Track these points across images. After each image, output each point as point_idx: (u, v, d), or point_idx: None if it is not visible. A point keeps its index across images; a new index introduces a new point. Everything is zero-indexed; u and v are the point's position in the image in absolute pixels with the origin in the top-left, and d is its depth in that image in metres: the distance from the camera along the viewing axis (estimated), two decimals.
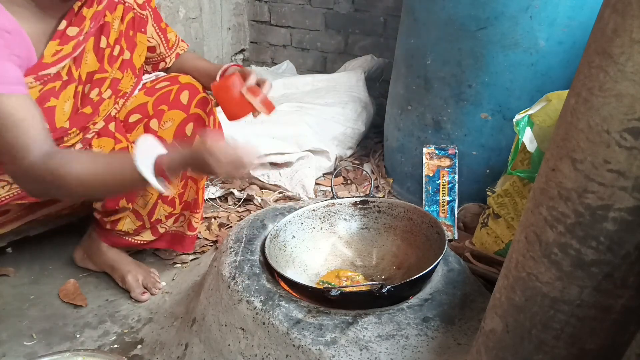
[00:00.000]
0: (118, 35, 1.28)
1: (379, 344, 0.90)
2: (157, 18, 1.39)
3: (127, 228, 1.39)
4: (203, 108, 1.36)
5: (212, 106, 1.39)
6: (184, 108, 1.34)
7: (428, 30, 1.67)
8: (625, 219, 0.52)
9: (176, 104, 1.34)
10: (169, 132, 1.33)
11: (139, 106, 1.36)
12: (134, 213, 1.38)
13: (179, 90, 1.35)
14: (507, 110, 1.57)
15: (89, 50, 1.23)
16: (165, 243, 1.49)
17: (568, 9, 1.42)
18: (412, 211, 1.20)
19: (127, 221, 1.38)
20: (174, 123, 1.34)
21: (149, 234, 1.43)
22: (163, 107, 1.34)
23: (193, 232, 1.47)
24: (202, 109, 1.35)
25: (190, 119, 1.34)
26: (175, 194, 1.38)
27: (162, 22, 1.40)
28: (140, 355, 1.22)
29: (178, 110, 1.34)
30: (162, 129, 1.34)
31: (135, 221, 1.39)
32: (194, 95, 1.35)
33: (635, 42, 0.48)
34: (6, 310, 1.35)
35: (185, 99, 1.34)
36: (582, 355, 0.62)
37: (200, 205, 1.44)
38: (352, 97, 2.27)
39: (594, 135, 0.53)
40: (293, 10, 2.80)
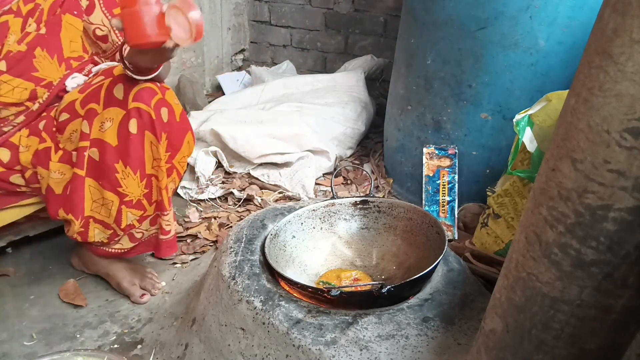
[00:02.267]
0: (40, 13, 1.23)
1: (379, 344, 0.90)
2: (108, 3, 1.30)
3: (99, 238, 1.31)
4: (145, 101, 1.18)
5: (165, 95, 1.22)
6: (120, 104, 1.19)
7: (428, 30, 1.67)
8: (625, 219, 0.52)
9: (110, 100, 1.19)
10: (111, 133, 1.20)
11: (69, 104, 1.24)
12: (100, 223, 1.29)
13: (111, 84, 1.19)
14: (507, 110, 1.57)
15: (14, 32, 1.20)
16: (151, 247, 1.40)
17: (568, 9, 1.42)
18: (412, 211, 1.20)
19: (96, 232, 1.30)
20: (114, 123, 1.19)
21: (127, 240, 1.34)
22: (93, 105, 1.20)
23: (166, 236, 1.35)
24: (143, 102, 1.18)
25: (131, 115, 1.18)
26: (140, 195, 1.26)
27: (115, 7, 1.30)
28: (140, 355, 1.22)
29: (114, 107, 1.19)
30: (101, 131, 1.20)
31: (105, 230, 1.30)
32: (130, 87, 1.18)
33: (635, 42, 0.48)
34: (6, 310, 1.35)
35: (119, 93, 1.19)
36: (582, 355, 0.62)
37: (166, 206, 1.30)
38: (352, 97, 2.27)
39: (594, 135, 0.53)
40: (293, 10, 2.80)
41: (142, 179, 1.24)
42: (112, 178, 1.23)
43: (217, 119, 2.07)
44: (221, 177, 2.00)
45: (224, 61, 2.92)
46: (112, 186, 1.23)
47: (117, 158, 1.21)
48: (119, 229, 1.30)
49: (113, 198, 1.25)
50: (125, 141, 1.20)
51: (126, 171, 1.22)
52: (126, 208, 1.27)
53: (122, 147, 1.20)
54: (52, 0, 1.25)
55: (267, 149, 1.96)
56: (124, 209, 1.27)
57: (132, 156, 1.20)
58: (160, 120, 1.20)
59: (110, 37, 1.32)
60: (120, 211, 1.27)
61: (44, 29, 1.24)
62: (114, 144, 1.20)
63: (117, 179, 1.23)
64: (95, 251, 1.37)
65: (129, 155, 1.20)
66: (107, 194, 1.24)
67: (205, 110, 2.28)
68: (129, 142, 1.20)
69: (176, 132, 1.25)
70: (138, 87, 1.18)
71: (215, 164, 2.04)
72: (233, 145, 1.97)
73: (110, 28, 1.32)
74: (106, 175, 1.23)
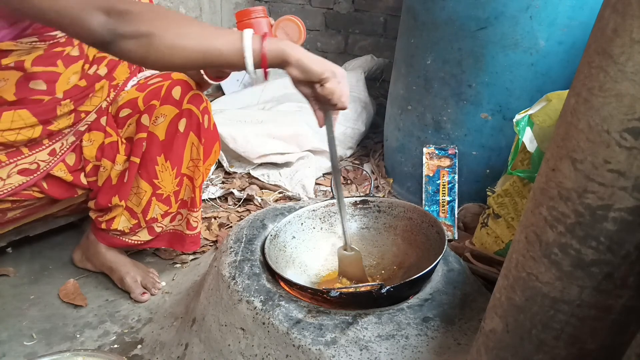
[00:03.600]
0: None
1: (379, 344, 0.90)
2: None
3: (122, 227, 1.38)
4: (196, 104, 1.32)
5: (207, 105, 1.36)
6: (175, 103, 1.31)
7: (428, 30, 1.67)
8: (625, 219, 0.52)
9: (167, 99, 1.31)
10: (161, 128, 1.31)
11: (130, 101, 1.33)
12: (128, 211, 1.37)
13: (171, 85, 1.32)
14: (507, 110, 1.57)
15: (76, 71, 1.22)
16: (165, 242, 1.47)
17: (568, 9, 1.42)
18: (412, 211, 1.20)
19: (122, 219, 1.37)
20: (166, 119, 1.31)
21: (146, 233, 1.41)
22: (154, 102, 1.31)
23: (192, 232, 1.45)
24: (194, 105, 1.32)
25: (183, 114, 1.31)
26: (170, 191, 1.37)
27: None
28: (140, 355, 1.22)
29: (170, 105, 1.31)
30: (154, 124, 1.31)
31: (130, 219, 1.38)
32: (186, 91, 1.31)
33: (635, 42, 0.48)
34: (6, 310, 1.35)
35: (177, 94, 1.31)
36: (582, 355, 0.62)
37: (197, 203, 1.41)
38: (352, 97, 2.27)
39: (594, 135, 0.53)
40: (293, 10, 2.80)
41: (176, 176, 1.35)
42: (151, 169, 1.33)
43: (217, 119, 2.05)
44: (221, 177, 2.00)
45: None
46: (149, 177, 1.33)
47: (161, 151, 1.32)
48: (144, 220, 1.38)
49: (147, 188, 1.34)
50: (172, 137, 1.31)
51: (166, 165, 1.33)
52: (156, 200, 1.36)
53: (167, 142, 1.31)
54: None
55: (267, 149, 1.96)
56: (154, 201, 1.36)
57: (174, 152, 1.32)
58: (204, 125, 1.33)
59: None
60: (150, 202, 1.36)
61: (105, 69, 1.30)
62: (162, 138, 1.31)
63: (156, 171, 1.33)
64: (110, 241, 1.42)
65: (171, 151, 1.32)
66: (143, 183, 1.34)
67: None
68: (174, 139, 1.31)
69: (210, 140, 1.37)
70: (193, 92, 1.31)
71: (215, 164, 2.04)
72: (233, 145, 1.97)
73: None
74: (147, 166, 1.33)
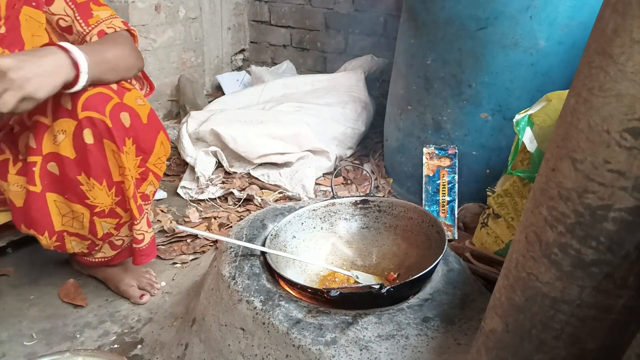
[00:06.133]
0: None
1: (379, 344, 0.90)
2: None
3: (78, 249, 1.26)
4: (96, 109, 1.08)
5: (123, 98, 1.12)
6: (69, 114, 1.08)
7: (428, 30, 1.67)
8: (625, 219, 0.52)
9: (58, 110, 1.09)
10: (66, 146, 1.10)
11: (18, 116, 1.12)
12: (76, 235, 1.23)
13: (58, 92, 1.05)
14: (507, 110, 1.57)
15: None
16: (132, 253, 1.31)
17: (568, 9, 1.42)
18: (412, 210, 1.20)
19: (73, 243, 1.24)
20: (67, 135, 1.10)
21: (108, 248, 1.29)
22: (40, 118, 1.10)
23: (138, 245, 1.25)
24: (94, 110, 1.07)
25: (83, 125, 1.08)
26: (111, 204, 1.19)
27: None
28: (140, 355, 1.22)
29: (64, 119, 1.09)
30: (55, 144, 1.11)
31: (82, 242, 1.24)
32: (77, 95, 1.06)
33: (635, 42, 0.48)
34: (6, 310, 1.35)
35: (67, 102, 1.08)
36: (582, 355, 0.62)
37: (135, 215, 1.20)
38: (352, 97, 2.27)
39: (594, 135, 0.53)
40: (293, 10, 2.80)
41: (110, 188, 1.16)
42: (78, 191, 1.15)
43: (217, 119, 2.07)
44: (221, 177, 2.00)
45: (224, 61, 2.92)
46: (79, 199, 1.16)
47: (79, 170, 1.13)
48: (97, 239, 1.24)
49: (83, 210, 1.18)
50: (83, 152, 1.11)
51: (90, 182, 1.14)
52: (98, 219, 1.20)
53: (80, 158, 1.12)
54: None
55: (267, 149, 1.96)
56: (97, 220, 1.20)
57: (94, 167, 1.12)
58: (121, 126, 1.11)
59: (75, 27, 1.18)
60: (93, 222, 1.20)
61: (3, 28, 1.10)
62: (72, 156, 1.11)
63: (83, 191, 1.15)
64: (80, 260, 1.35)
65: (89, 167, 1.12)
66: (76, 206, 1.18)
67: (205, 110, 2.28)
68: (87, 153, 1.11)
69: (144, 135, 1.16)
70: (87, 94, 1.08)
71: (215, 164, 2.04)
72: (233, 145, 1.97)
73: (74, 18, 1.18)
74: (70, 189, 1.16)
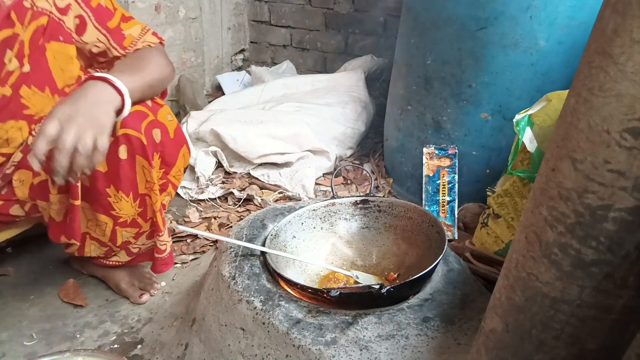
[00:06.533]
0: (20, 46, 1.09)
1: (379, 344, 0.90)
2: (100, 17, 1.18)
3: (95, 254, 1.31)
4: (132, 126, 1.12)
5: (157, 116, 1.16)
6: None
7: (428, 30, 1.67)
8: (625, 219, 0.52)
9: None
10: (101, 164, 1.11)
11: None
12: (95, 240, 1.27)
13: None
14: (507, 110, 1.57)
15: None
16: (147, 257, 1.36)
17: (568, 9, 1.42)
18: (413, 210, 1.20)
19: (92, 247, 1.29)
20: None
21: (124, 254, 1.34)
22: None
23: (160, 255, 1.30)
24: (133, 128, 1.12)
25: (120, 142, 1.12)
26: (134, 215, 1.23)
27: (110, 19, 1.19)
28: (140, 355, 1.22)
29: None
30: None
31: (100, 247, 1.29)
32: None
33: (635, 42, 0.48)
34: (6, 310, 1.35)
35: None
36: (582, 355, 0.62)
37: (159, 227, 1.25)
38: (352, 97, 2.27)
39: (594, 135, 0.53)
40: (293, 10, 2.80)
41: (135, 200, 1.20)
42: (105, 203, 1.19)
43: (217, 119, 2.07)
44: (221, 177, 2.00)
45: (224, 61, 2.92)
46: (105, 210, 1.21)
47: (109, 183, 1.17)
48: (115, 247, 1.29)
49: (107, 220, 1.22)
50: (116, 167, 1.14)
51: (118, 195, 1.18)
52: (120, 228, 1.24)
53: (112, 172, 1.15)
54: (33, 29, 1.10)
55: (267, 149, 1.96)
56: (119, 230, 1.24)
57: (124, 180, 1.16)
58: (153, 142, 1.16)
59: (111, 53, 1.21)
60: (115, 232, 1.24)
61: (28, 66, 1.11)
62: (104, 170, 1.15)
63: (110, 203, 1.19)
64: (93, 261, 1.38)
65: (120, 180, 1.16)
66: (101, 217, 1.22)
67: (205, 110, 2.28)
68: (119, 168, 1.14)
69: (170, 150, 1.21)
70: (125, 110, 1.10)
71: (215, 164, 2.04)
72: (233, 145, 1.97)
73: (109, 45, 1.20)
74: (98, 200, 1.19)
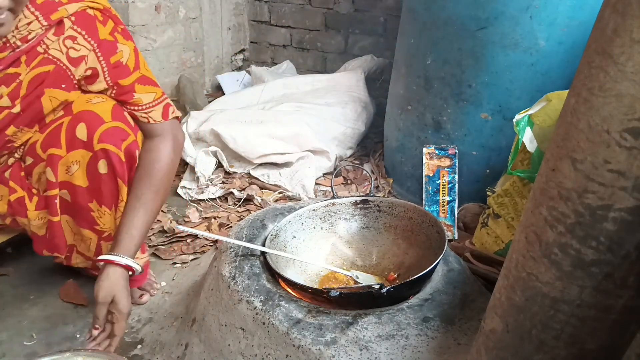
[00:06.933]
0: (17, 86, 1.06)
1: (379, 344, 0.90)
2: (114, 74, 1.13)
3: (82, 265, 1.32)
4: (113, 142, 1.08)
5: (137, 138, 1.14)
6: (84, 145, 1.09)
7: (428, 30, 1.67)
8: (625, 219, 0.52)
9: (73, 142, 1.09)
10: (80, 176, 1.12)
11: (30, 147, 1.14)
12: (82, 255, 1.27)
13: (72, 124, 1.08)
14: (507, 110, 1.57)
15: None
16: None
17: (568, 9, 1.42)
18: (413, 210, 1.20)
19: (79, 260, 1.29)
20: (80, 166, 1.11)
21: None
22: (54, 151, 1.10)
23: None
24: (111, 143, 1.08)
25: (98, 156, 1.09)
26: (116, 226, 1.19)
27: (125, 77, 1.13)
28: (140, 355, 1.22)
29: (78, 150, 1.09)
30: (68, 174, 1.11)
31: (86, 261, 1.29)
32: (93, 128, 1.08)
33: (635, 42, 0.49)
34: (6, 310, 1.35)
35: (82, 134, 1.08)
36: (582, 355, 0.62)
37: None
38: (352, 97, 2.27)
39: (594, 135, 0.53)
40: (293, 10, 2.80)
41: (117, 212, 1.18)
42: (88, 217, 1.18)
43: (217, 119, 2.07)
44: (221, 177, 2.00)
45: (224, 61, 2.92)
46: (89, 224, 1.20)
47: (91, 198, 1.15)
48: None
49: (91, 235, 1.21)
50: (97, 182, 1.13)
51: (101, 210, 1.17)
52: (105, 242, 1.23)
53: (93, 187, 1.14)
54: (36, 74, 1.06)
55: (267, 149, 1.96)
56: (104, 244, 1.23)
57: (105, 195, 1.15)
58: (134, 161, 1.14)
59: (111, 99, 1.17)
60: (100, 246, 1.24)
61: (18, 107, 1.08)
62: (85, 185, 1.13)
63: (94, 218, 1.18)
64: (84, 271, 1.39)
65: (102, 195, 1.15)
66: (85, 232, 1.21)
67: (205, 110, 2.28)
68: (100, 183, 1.13)
69: None
70: (104, 127, 1.09)
71: (215, 164, 2.04)
72: (233, 145, 1.97)
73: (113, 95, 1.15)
74: (81, 215, 1.18)
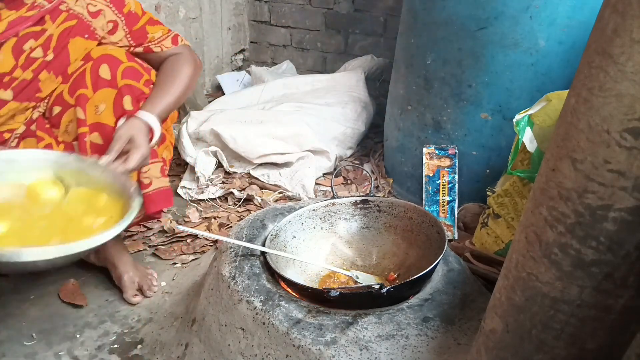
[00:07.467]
0: (47, 39, 1.20)
1: (379, 344, 0.90)
2: (129, 22, 1.32)
3: None
4: (134, 77, 1.22)
5: (151, 77, 1.27)
6: (109, 84, 1.20)
7: (428, 30, 1.67)
8: (625, 219, 0.52)
9: (97, 82, 1.20)
10: (108, 115, 1.21)
11: (57, 97, 1.24)
12: None
13: (94, 66, 1.20)
14: (507, 110, 1.57)
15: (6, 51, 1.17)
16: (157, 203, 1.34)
17: (568, 9, 1.42)
18: (412, 210, 1.20)
19: None
20: (107, 104, 1.20)
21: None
22: (82, 91, 1.20)
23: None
24: (132, 79, 1.22)
25: (123, 92, 1.20)
26: None
27: (136, 23, 1.32)
28: (140, 355, 1.22)
29: (104, 88, 1.20)
30: (97, 114, 1.20)
31: None
32: (115, 66, 1.21)
33: (635, 42, 0.49)
34: (6, 310, 1.35)
35: (106, 73, 1.20)
36: (582, 355, 0.62)
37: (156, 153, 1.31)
38: (352, 97, 2.27)
39: (594, 135, 0.53)
40: (293, 10, 2.80)
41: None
42: None
43: (217, 119, 2.07)
44: (221, 177, 2.00)
45: (224, 61, 2.92)
46: None
47: None
48: None
49: None
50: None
51: None
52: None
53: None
54: (63, 28, 1.22)
55: (267, 149, 1.96)
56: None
57: None
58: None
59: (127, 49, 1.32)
60: None
61: (52, 55, 1.22)
62: (112, 124, 1.21)
63: None
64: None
65: None
66: None
67: (205, 110, 2.27)
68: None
69: None
70: (124, 65, 1.22)
71: (215, 164, 2.04)
72: (233, 145, 1.97)
73: (130, 45, 1.33)
74: None
